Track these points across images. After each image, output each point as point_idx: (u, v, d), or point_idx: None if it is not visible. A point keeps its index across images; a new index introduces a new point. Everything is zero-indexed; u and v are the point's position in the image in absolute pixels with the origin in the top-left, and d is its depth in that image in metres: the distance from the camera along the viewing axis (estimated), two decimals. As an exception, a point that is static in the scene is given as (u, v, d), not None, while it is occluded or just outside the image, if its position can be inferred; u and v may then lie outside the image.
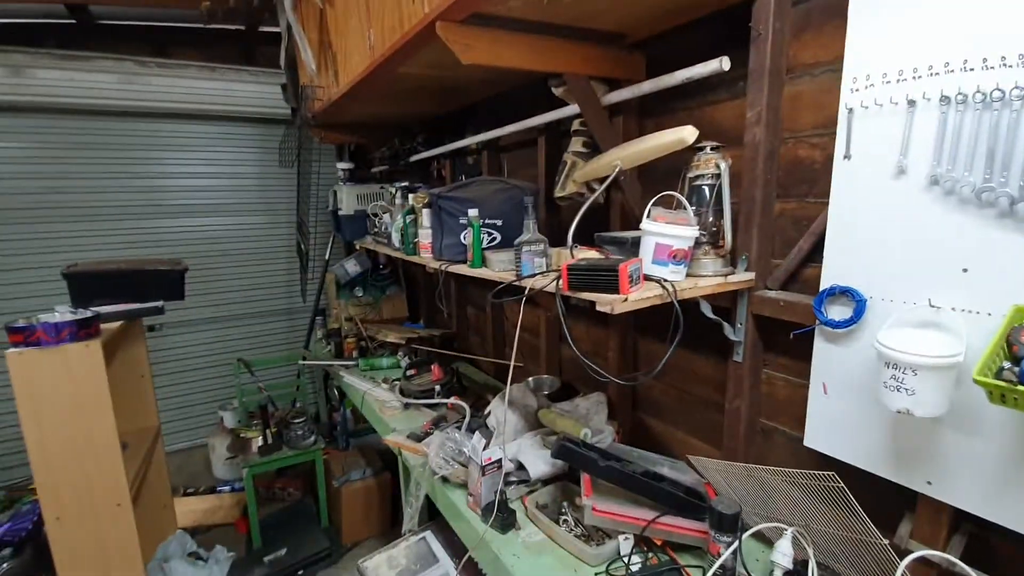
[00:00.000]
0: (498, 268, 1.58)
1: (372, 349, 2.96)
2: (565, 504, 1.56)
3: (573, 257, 1.35)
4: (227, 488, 3.22)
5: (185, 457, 3.57)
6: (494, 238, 1.70)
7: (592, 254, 1.39)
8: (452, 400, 2.17)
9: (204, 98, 3.26)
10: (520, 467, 1.67)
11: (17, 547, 2.56)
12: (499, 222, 1.70)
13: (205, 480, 3.34)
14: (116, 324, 2.05)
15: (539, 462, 1.66)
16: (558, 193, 1.74)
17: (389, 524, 2.87)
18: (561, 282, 1.21)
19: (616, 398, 1.89)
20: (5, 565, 2.48)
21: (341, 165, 3.14)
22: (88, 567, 1.98)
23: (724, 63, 1.28)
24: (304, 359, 3.25)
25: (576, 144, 1.74)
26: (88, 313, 1.85)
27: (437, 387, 2.26)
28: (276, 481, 3.23)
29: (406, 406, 2.26)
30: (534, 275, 1.43)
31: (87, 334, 1.80)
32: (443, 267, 1.79)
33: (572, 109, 1.74)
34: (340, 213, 2.98)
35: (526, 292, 1.35)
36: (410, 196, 2.12)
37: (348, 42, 1.97)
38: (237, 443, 2.81)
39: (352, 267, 3.48)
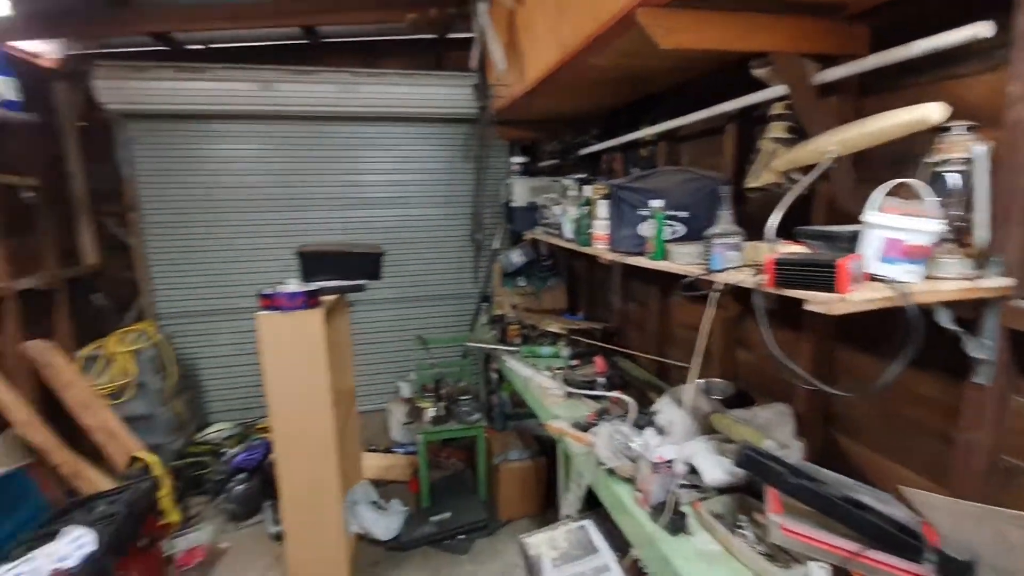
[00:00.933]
0: (682, 261, 1.52)
1: (534, 337, 3.07)
2: (743, 517, 1.45)
3: (775, 251, 1.24)
4: (401, 450, 3.62)
5: (367, 419, 4.07)
6: (677, 230, 1.64)
7: (795, 249, 1.27)
8: (616, 394, 2.16)
9: (402, 101, 3.67)
10: (692, 471, 1.60)
11: (250, 473, 3.17)
12: (685, 214, 1.63)
13: (382, 440, 3.78)
14: (331, 297, 2.41)
15: (715, 468, 1.57)
16: (750, 183, 1.61)
17: (542, 506, 2.96)
18: (764, 277, 1.12)
19: (804, 412, 1.71)
20: (242, 486, 3.10)
21: (516, 159, 3.30)
22: (300, 498, 2.37)
23: (985, 29, 1.07)
24: (470, 341, 3.49)
25: (776, 130, 1.60)
26: (314, 286, 2.21)
27: (601, 379, 2.26)
28: (442, 450, 3.54)
29: (569, 395, 2.31)
30: (725, 269, 1.35)
31: (313, 304, 2.15)
32: (618, 259, 1.78)
33: (771, 92, 1.60)
34: (513, 205, 3.13)
35: (719, 287, 1.28)
36: (587, 187, 2.14)
37: (536, 40, 2.05)
38: (414, 411, 3.12)
39: (517, 257, 3.64)
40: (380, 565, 2.63)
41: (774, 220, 1.30)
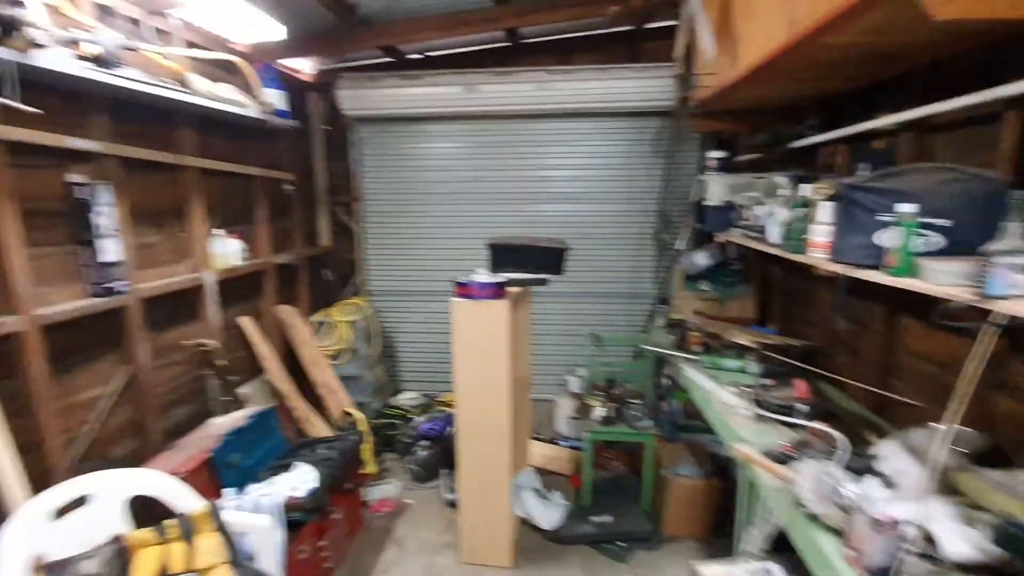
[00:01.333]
0: (940, 281, 1.23)
1: (717, 347, 2.82)
2: (999, 611, 1.14)
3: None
4: (565, 443, 3.66)
5: (534, 407, 4.20)
6: (932, 242, 1.33)
7: None
8: (819, 425, 1.86)
9: (594, 97, 3.66)
10: (927, 538, 1.30)
11: (432, 441, 3.51)
12: (945, 222, 1.32)
13: (546, 431, 3.87)
14: (516, 289, 2.52)
15: (959, 540, 1.25)
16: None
17: (710, 531, 2.74)
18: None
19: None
20: (424, 452, 3.44)
21: (713, 154, 3.05)
22: (476, 473, 2.54)
23: None
24: (646, 344, 3.36)
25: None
26: (503, 278, 2.33)
27: (801, 406, 1.98)
28: (605, 450, 3.49)
29: (759, 417, 2.07)
30: (1007, 296, 1.05)
31: (501, 294, 2.26)
32: (843, 271, 1.51)
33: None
34: (706, 203, 2.90)
35: (996, 319, 1.00)
36: (804, 187, 1.87)
37: (756, 21, 1.84)
38: (582, 408, 3.13)
39: (702, 259, 3.38)
40: (539, 553, 2.69)
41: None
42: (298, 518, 2.25)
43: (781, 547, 1.75)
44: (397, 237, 4.31)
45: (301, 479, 2.33)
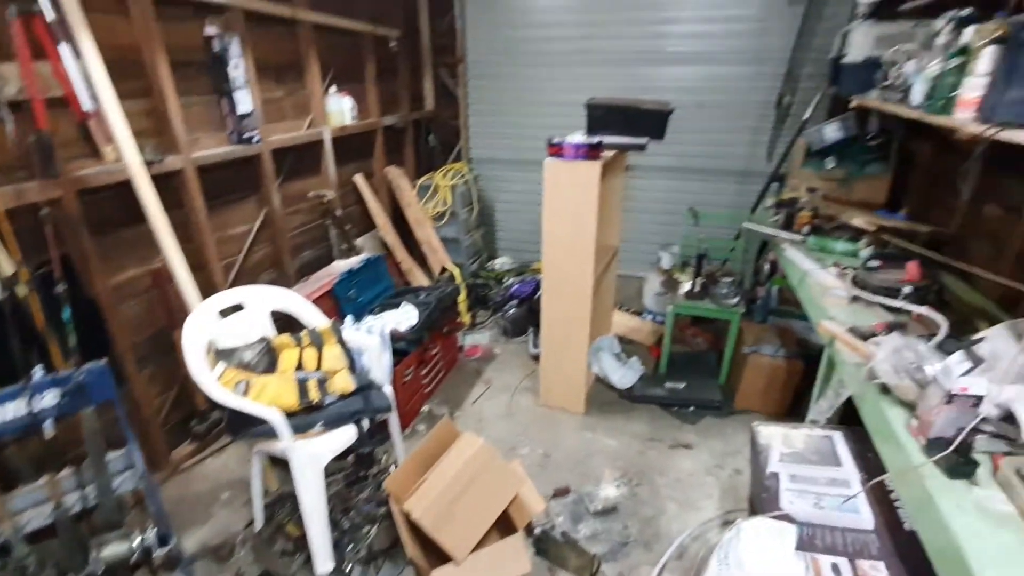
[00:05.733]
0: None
1: (828, 229, 2.61)
2: (1071, 495, 1.10)
3: None
4: (650, 317, 3.74)
5: (625, 282, 4.25)
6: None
7: None
8: (923, 309, 1.74)
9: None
10: (1008, 419, 1.24)
11: (521, 301, 3.76)
12: None
13: (635, 304, 3.95)
14: (612, 153, 2.45)
15: (1046, 426, 1.19)
16: None
17: (784, 411, 2.77)
18: None
19: None
20: (514, 310, 3.71)
21: (864, -4, 2.54)
22: (558, 329, 2.73)
23: None
24: (749, 222, 3.18)
25: None
26: (595, 140, 2.28)
27: (907, 288, 1.83)
28: (689, 327, 3.53)
29: (854, 299, 1.96)
30: None
31: (593, 156, 2.23)
32: (993, 133, 1.30)
33: None
34: (845, 60, 2.49)
35: None
36: (967, 30, 1.54)
37: None
38: (669, 282, 3.13)
39: (832, 132, 2.99)
40: (610, 407, 2.92)
41: None
42: (403, 347, 2.63)
43: (849, 421, 1.76)
44: (501, 103, 4.25)
45: (405, 315, 2.67)
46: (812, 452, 1.70)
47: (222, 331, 2.02)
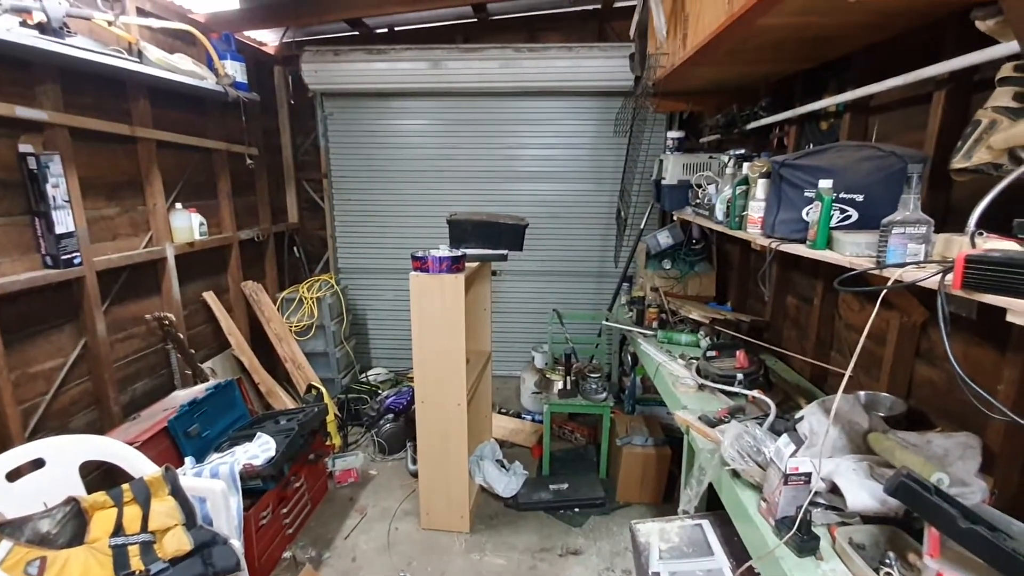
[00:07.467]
0: (849, 252, 1.31)
1: (673, 323, 2.92)
2: (891, 555, 1.24)
3: (974, 247, 1.01)
4: (529, 417, 3.76)
5: (502, 383, 4.30)
6: (848, 216, 1.42)
7: (1008, 245, 1.01)
8: (754, 393, 1.97)
9: (560, 76, 3.67)
10: (834, 490, 1.41)
11: (397, 414, 3.57)
12: (858, 197, 1.40)
13: (513, 405, 3.96)
14: (475, 264, 2.56)
15: (862, 492, 1.36)
16: (958, 164, 1.31)
17: (661, 497, 2.86)
18: (950, 277, 0.92)
19: (998, 449, 1.39)
20: (390, 425, 3.50)
21: (671, 134, 3.11)
22: (435, 443, 2.61)
23: None
24: (607, 320, 3.45)
25: (1002, 97, 1.27)
26: (459, 252, 2.37)
27: (740, 375, 2.08)
28: (567, 423, 3.60)
29: (701, 387, 2.17)
30: (904, 265, 1.14)
31: (457, 268, 2.31)
32: (773, 245, 1.60)
33: (1000, 50, 1.27)
34: (663, 182, 2.97)
35: (887, 285, 1.09)
36: (745, 165, 1.94)
37: (700, 2, 1.89)
38: (543, 381, 3.21)
39: (664, 239, 3.47)
40: (497, 519, 2.79)
41: (980, 208, 1.05)
42: (258, 486, 2.30)
43: (717, 506, 1.87)
44: (365, 215, 4.31)
45: (260, 448, 2.37)
46: (687, 544, 1.75)
47: (12, 497, 1.61)
